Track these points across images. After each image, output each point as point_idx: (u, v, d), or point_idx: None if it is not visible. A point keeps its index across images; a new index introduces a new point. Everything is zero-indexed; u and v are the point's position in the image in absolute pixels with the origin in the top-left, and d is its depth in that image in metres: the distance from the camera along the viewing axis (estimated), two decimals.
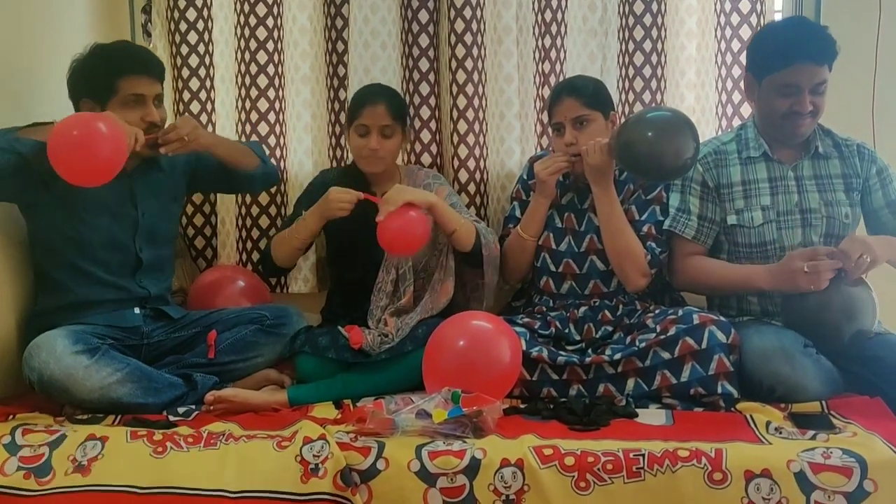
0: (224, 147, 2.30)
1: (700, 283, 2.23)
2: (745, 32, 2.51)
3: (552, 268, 2.30)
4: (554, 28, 2.58)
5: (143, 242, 2.21)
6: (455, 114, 2.54)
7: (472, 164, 2.55)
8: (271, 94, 2.63)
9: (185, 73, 2.62)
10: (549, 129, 2.34)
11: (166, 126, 2.14)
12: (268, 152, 2.60)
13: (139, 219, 2.20)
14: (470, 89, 2.52)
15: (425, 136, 2.59)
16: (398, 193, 2.13)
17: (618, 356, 2.03)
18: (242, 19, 2.61)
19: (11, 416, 1.93)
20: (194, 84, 2.63)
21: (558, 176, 2.25)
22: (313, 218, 2.22)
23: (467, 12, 2.49)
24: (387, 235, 2.11)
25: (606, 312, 2.23)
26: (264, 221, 2.63)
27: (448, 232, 2.20)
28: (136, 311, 2.20)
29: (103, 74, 2.09)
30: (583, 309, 2.25)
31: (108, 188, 2.04)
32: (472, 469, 1.66)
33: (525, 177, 2.42)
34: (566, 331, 2.20)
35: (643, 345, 2.02)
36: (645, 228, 2.23)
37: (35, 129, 2.04)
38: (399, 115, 2.31)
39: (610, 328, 2.20)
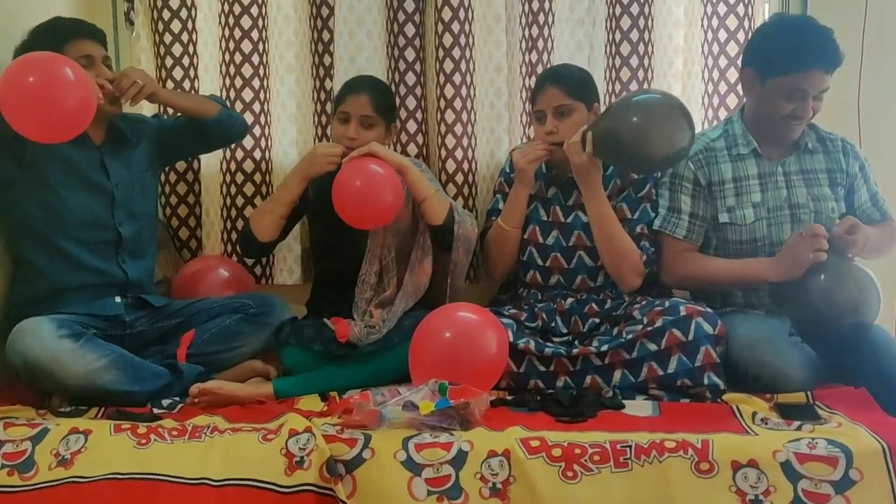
0: (181, 96, 2.36)
1: (696, 281, 2.22)
2: (732, 23, 2.51)
3: (539, 262, 2.29)
4: (541, 17, 2.56)
5: (121, 217, 2.19)
6: (442, 103, 2.52)
7: (459, 154, 2.54)
8: (256, 83, 2.60)
9: (169, 61, 2.59)
10: (532, 117, 2.33)
11: (117, 75, 2.14)
12: (252, 142, 2.59)
13: (114, 191, 2.18)
14: (458, 78, 2.50)
15: (411, 126, 2.57)
16: (368, 146, 2.13)
17: (605, 348, 2.03)
18: (227, 7, 2.58)
19: None
20: (178, 73, 2.60)
21: (537, 164, 2.22)
22: (296, 178, 2.20)
23: (454, 0, 2.47)
24: (348, 194, 2.07)
25: (593, 305, 2.23)
26: (249, 212, 2.60)
27: (419, 199, 2.16)
28: (117, 299, 2.18)
29: (48, 44, 2.05)
30: (569, 301, 2.24)
31: (80, 160, 2.05)
32: (459, 460, 1.66)
33: (507, 169, 2.40)
34: (553, 323, 2.20)
35: (630, 336, 2.02)
36: (638, 228, 2.22)
37: None
38: (382, 107, 2.28)
39: (597, 321, 2.19)
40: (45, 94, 1.86)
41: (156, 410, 1.95)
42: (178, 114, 2.33)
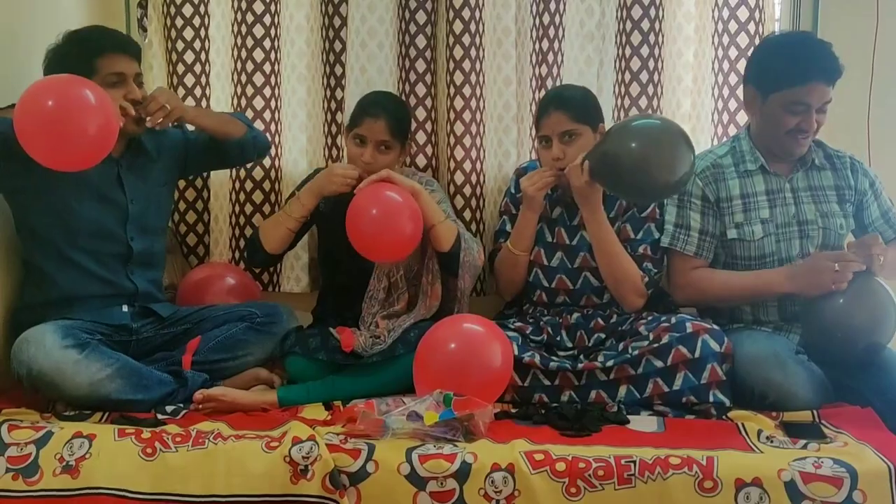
0: (208, 116, 2.30)
1: (709, 296, 2.20)
2: (743, 40, 2.51)
3: (545, 283, 2.28)
4: (552, 31, 2.57)
5: (133, 231, 2.19)
6: (452, 115, 2.53)
7: (468, 166, 2.54)
8: (267, 92, 2.61)
9: (181, 69, 2.60)
10: (536, 141, 2.32)
11: (145, 99, 2.10)
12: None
13: (128, 206, 2.18)
14: (467, 91, 2.51)
15: (420, 137, 2.57)
16: (385, 173, 2.11)
17: (610, 363, 2.03)
18: (239, 16, 2.59)
19: None
20: (189, 80, 2.60)
21: (545, 190, 2.21)
22: (309, 195, 2.20)
23: (466, 13, 2.48)
24: (365, 223, 2.04)
25: (599, 320, 2.22)
26: (258, 220, 2.62)
27: (428, 225, 2.14)
28: (124, 308, 2.17)
29: (81, 55, 2.05)
30: (575, 315, 2.24)
31: (95, 173, 2.01)
32: (463, 473, 1.65)
33: (513, 190, 2.39)
34: (558, 337, 2.20)
35: (636, 352, 2.01)
36: (641, 249, 2.21)
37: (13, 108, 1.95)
38: (399, 131, 2.27)
39: (602, 336, 2.19)
40: (63, 123, 1.80)
41: (159, 416, 1.95)
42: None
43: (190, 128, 2.35)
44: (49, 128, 1.81)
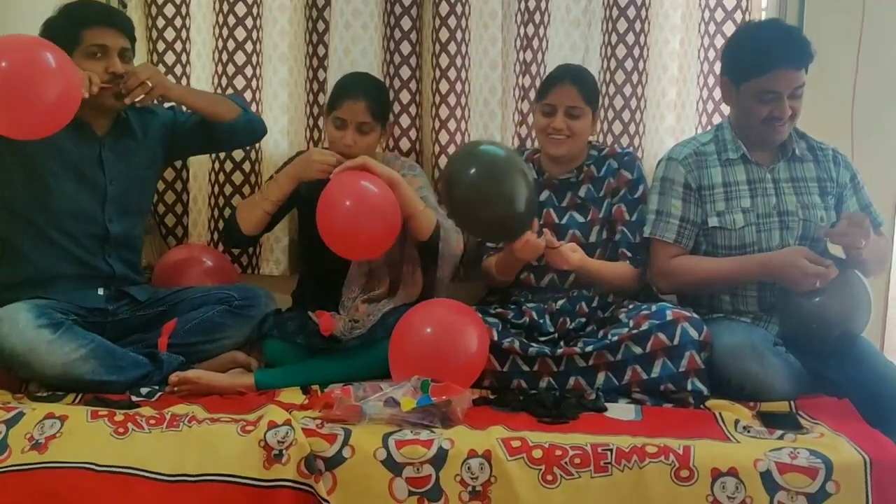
0: (198, 97, 2.23)
1: (688, 282, 2.21)
2: (729, 28, 2.50)
3: (533, 262, 2.27)
4: (537, 17, 2.55)
5: (112, 213, 2.15)
6: (437, 98, 2.50)
7: (452, 150, 2.52)
8: (248, 71, 2.57)
9: (161, 46, 2.55)
10: (536, 109, 2.27)
11: (125, 74, 2.06)
12: None
13: (107, 187, 2.14)
14: (453, 74, 2.48)
15: (404, 120, 2.55)
16: (361, 160, 2.07)
17: (589, 349, 2.03)
18: None
19: None
20: (169, 58, 2.56)
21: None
22: (286, 178, 2.17)
23: None
24: (338, 216, 1.98)
25: (583, 304, 2.22)
26: (238, 201, 2.58)
27: (406, 215, 2.10)
28: (100, 292, 2.14)
29: (68, 25, 2.03)
30: (561, 302, 2.23)
31: (76, 151, 1.98)
32: (439, 459, 1.65)
33: None
34: (541, 321, 2.19)
35: (615, 338, 2.01)
36: (638, 236, 2.23)
37: None
38: (380, 112, 2.25)
39: (584, 320, 2.19)
40: (18, 83, 1.74)
41: (134, 398, 1.93)
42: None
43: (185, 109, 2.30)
44: (2, 87, 1.74)
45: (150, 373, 2.02)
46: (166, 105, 2.30)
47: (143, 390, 1.97)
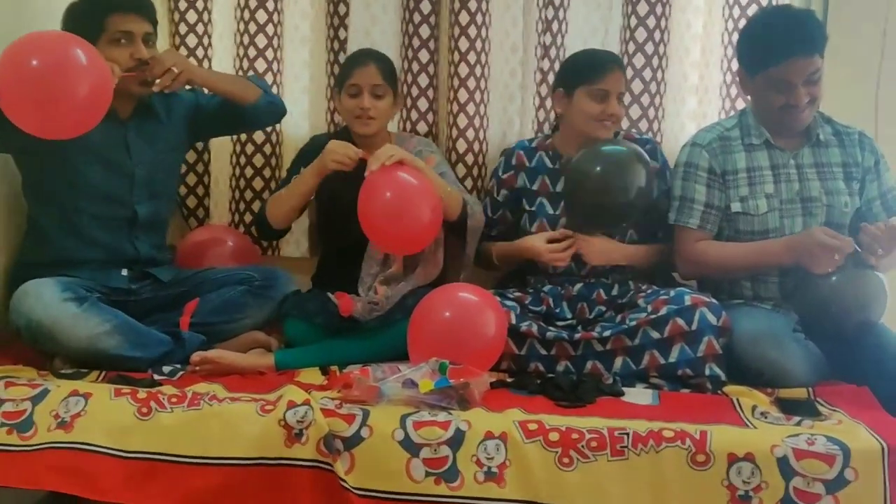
0: (221, 80, 2.25)
1: (712, 266, 2.19)
2: (754, 11, 2.47)
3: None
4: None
5: (140, 196, 2.17)
6: (455, 82, 2.50)
7: (471, 134, 2.52)
8: (269, 54, 2.58)
9: (183, 28, 2.57)
10: (587, 93, 2.20)
11: (150, 61, 2.08)
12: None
13: (134, 170, 2.16)
14: (472, 57, 2.48)
15: (422, 104, 2.55)
16: (388, 149, 2.06)
17: (607, 333, 2.03)
18: None
19: None
20: (192, 41, 2.58)
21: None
22: (311, 173, 2.17)
23: None
24: (379, 208, 1.99)
25: (601, 291, 2.22)
26: (258, 183, 2.60)
27: None
28: (123, 272, 2.17)
29: (91, 13, 2.05)
30: (578, 286, 2.23)
31: (101, 136, 1.98)
32: (456, 441, 1.66)
33: (500, 173, 2.37)
34: (558, 308, 2.19)
35: (633, 323, 2.01)
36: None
37: None
38: (390, 76, 2.28)
39: (603, 308, 2.19)
40: (51, 84, 1.73)
41: (156, 377, 1.96)
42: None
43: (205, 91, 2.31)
44: (34, 94, 1.74)
45: (173, 351, 2.05)
46: (188, 87, 2.32)
47: (166, 369, 2.00)
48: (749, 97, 2.22)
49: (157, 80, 2.06)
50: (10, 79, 1.74)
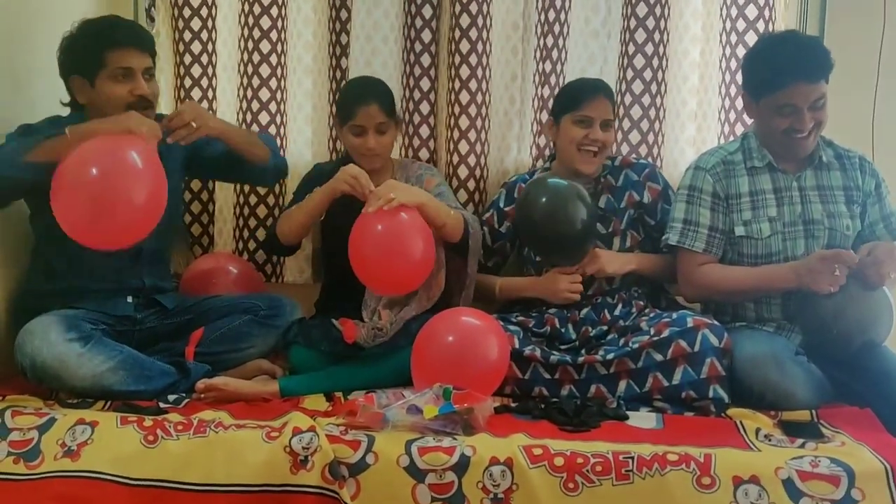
0: (235, 134, 2.25)
1: (717, 290, 2.20)
2: (751, 38, 2.49)
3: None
4: (556, 28, 2.56)
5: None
6: (457, 109, 2.53)
7: (472, 160, 2.55)
8: (273, 83, 2.61)
9: (188, 59, 2.61)
10: (564, 121, 2.28)
11: (170, 113, 2.10)
12: None
13: None
14: (473, 85, 2.51)
15: (424, 132, 2.58)
16: (388, 188, 2.06)
17: (611, 356, 2.03)
18: (247, 7, 2.59)
19: (1, 398, 1.93)
20: (196, 71, 2.62)
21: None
22: (323, 193, 2.19)
23: (473, 7, 2.47)
24: (369, 245, 2.01)
25: (606, 312, 2.23)
26: (262, 211, 2.63)
27: (437, 226, 2.14)
28: (129, 300, 2.18)
29: (91, 48, 2.05)
30: (585, 310, 2.24)
31: None
32: (462, 466, 1.66)
33: (500, 204, 2.40)
34: (563, 330, 2.20)
35: (636, 346, 2.02)
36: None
37: (46, 146, 1.92)
38: (391, 109, 2.31)
39: (605, 328, 2.20)
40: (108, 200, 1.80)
41: (162, 405, 1.96)
42: None
43: None
44: (93, 214, 1.83)
45: (177, 381, 2.05)
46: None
47: (171, 397, 2.01)
48: (752, 120, 2.24)
49: (172, 134, 2.06)
50: (68, 196, 1.83)
